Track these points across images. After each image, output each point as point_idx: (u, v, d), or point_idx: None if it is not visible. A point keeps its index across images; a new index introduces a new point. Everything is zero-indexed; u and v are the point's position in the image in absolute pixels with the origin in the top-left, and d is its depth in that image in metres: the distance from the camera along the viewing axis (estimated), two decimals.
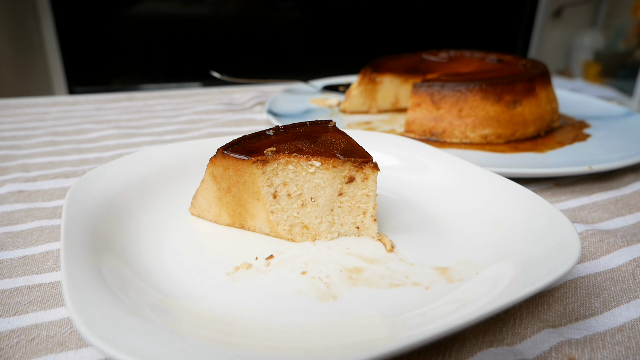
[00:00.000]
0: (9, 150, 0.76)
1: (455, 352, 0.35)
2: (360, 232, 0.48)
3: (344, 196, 0.46)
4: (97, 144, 0.80)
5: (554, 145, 0.76)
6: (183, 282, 0.39)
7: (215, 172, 0.47)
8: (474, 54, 1.00)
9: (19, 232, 0.50)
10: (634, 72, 2.03)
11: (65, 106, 1.04)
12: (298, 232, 0.47)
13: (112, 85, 2.33)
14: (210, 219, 0.50)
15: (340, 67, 1.43)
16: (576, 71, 2.51)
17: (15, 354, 0.34)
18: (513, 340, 0.36)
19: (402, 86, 0.99)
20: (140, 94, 1.15)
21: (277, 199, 0.46)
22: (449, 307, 0.35)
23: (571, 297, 0.41)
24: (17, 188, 0.60)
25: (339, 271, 0.42)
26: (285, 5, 2.41)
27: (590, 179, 0.66)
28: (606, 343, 0.36)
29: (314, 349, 0.31)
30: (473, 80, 0.78)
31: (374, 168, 0.45)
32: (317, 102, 1.03)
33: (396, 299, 0.38)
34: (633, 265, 0.45)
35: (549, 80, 0.85)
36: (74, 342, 0.35)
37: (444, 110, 0.78)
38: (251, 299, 0.38)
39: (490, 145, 0.77)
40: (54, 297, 0.40)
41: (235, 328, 0.33)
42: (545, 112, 0.81)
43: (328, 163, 0.45)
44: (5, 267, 0.44)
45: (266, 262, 0.43)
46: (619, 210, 0.58)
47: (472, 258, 0.43)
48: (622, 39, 2.29)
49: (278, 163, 0.45)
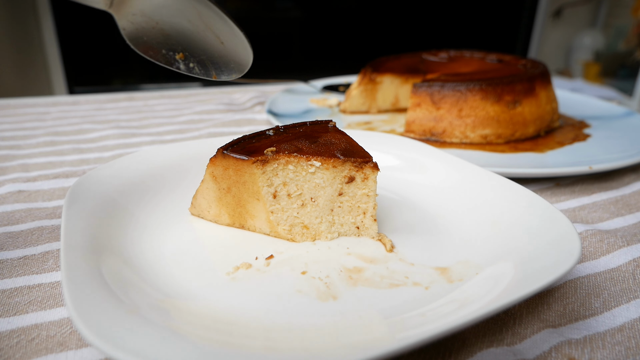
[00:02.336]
0: (9, 150, 0.76)
1: (455, 352, 0.35)
2: (360, 232, 0.48)
3: (344, 196, 0.46)
4: (97, 144, 0.80)
5: (554, 145, 0.76)
6: (183, 282, 0.39)
7: (215, 172, 0.47)
8: (474, 54, 1.00)
9: (19, 232, 0.50)
10: (634, 72, 2.03)
11: (65, 106, 1.04)
12: (298, 232, 0.47)
13: (112, 85, 2.33)
14: (210, 219, 0.50)
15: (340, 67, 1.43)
16: (576, 71, 2.51)
17: (15, 354, 0.34)
18: (513, 340, 0.36)
19: (402, 86, 0.99)
20: (140, 94, 1.15)
21: (277, 199, 0.46)
22: (449, 307, 0.35)
23: (571, 297, 0.41)
24: (17, 188, 0.60)
25: (339, 271, 0.42)
26: (285, 5, 2.41)
27: (590, 179, 0.66)
28: (606, 343, 0.36)
29: (314, 349, 0.31)
30: (473, 80, 0.78)
31: (374, 168, 0.45)
32: (317, 102, 1.03)
33: (396, 299, 0.38)
34: (633, 265, 0.45)
35: (549, 80, 0.85)
36: (74, 342, 0.35)
37: (444, 110, 0.78)
38: (251, 299, 0.38)
39: (490, 145, 0.77)
40: (54, 297, 0.40)
41: (235, 328, 0.33)
42: (545, 112, 0.81)
43: (328, 163, 0.45)
44: (5, 267, 0.44)
45: (266, 262, 0.43)
46: (619, 210, 0.58)
47: (472, 258, 0.43)
48: (622, 39, 2.29)
49: (278, 163, 0.45)
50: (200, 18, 0.34)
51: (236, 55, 0.36)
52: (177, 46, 0.36)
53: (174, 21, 0.34)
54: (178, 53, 0.36)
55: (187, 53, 0.36)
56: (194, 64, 0.37)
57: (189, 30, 0.34)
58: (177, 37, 0.35)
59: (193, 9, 0.33)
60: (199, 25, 0.34)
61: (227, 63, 0.37)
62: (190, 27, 0.34)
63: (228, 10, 0.33)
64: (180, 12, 0.34)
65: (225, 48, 0.35)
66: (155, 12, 0.34)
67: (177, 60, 0.37)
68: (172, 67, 0.37)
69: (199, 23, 0.34)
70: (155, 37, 0.35)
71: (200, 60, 0.36)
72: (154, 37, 0.35)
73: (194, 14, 0.33)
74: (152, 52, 0.36)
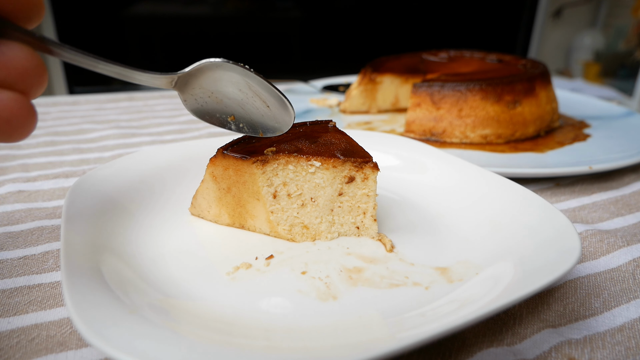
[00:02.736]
0: (9, 150, 0.76)
1: (455, 352, 0.35)
2: (360, 232, 0.48)
3: (344, 196, 0.46)
4: (97, 144, 0.80)
5: (554, 145, 0.76)
6: (183, 282, 0.39)
7: (216, 172, 0.47)
8: (474, 54, 1.00)
9: (19, 232, 0.50)
10: (634, 72, 2.03)
11: (65, 106, 1.04)
12: (298, 232, 0.47)
13: (112, 85, 2.33)
14: (210, 219, 0.50)
15: (340, 67, 1.43)
16: (576, 71, 2.51)
17: (15, 354, 0.34)
18: (513, 340, 0.36)
19: (402, 86, 0.99)
20: (140, 94, 1.15)
21: (277, 199, 0.46)
22: (449, 307, 0.35)
23: (571, 297, 0.41)
24: (17, 188, 0.60)
25: (339, 271, 0.42)
26: (285, 5, 2.41)
27: (590, 179, 0.66)
28: (606, 343, 0.36)
29: (314, 349, 0.31)
30: (473, 80, 0.78)
31: (374, 168, 0.45)
32: (317, 102, 1.03)
33: (396, 299, 0.38)
34: (633, 265, 0.45)
35: (549, 80, 0.85)
36: (74, 342, 0.35)
37: (444, 110, 0.78)
38: (251, 299, 0.38)
39: (490, 145, 0.77)
40: (54, 297, 0.40)
41: (235, 328, 0.33)
42: (545, 112, 0.81)
43: (328, 163, 0.45)
44: (5, 267, 0.44)
45: (266, 262, 0.43)
46: (619, 210, 0.58)
47: (472, 258, 0.43)
48: (622, 39, 2.29)
49: (278, 163, 0.45)
50: (249, 88, 0.40)
51: (280, 116, 0.42)
52: (229, 110, 0.42)
53: (227, 91, 0.40)
54: (230, 116, 0.42)
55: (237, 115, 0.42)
56: (244, 124, 0.43)
57: (240, 97, 0.41)
58: (229, 103, 0.41)
59: (243, 81, 0.40)
60: (247, 93, 0.40)
61: (272, 123, 0.43)
62: (241, 95, 0.41)
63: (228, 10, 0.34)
64: (232, 84, 0.40)
65: (271, 110, 0.41)
66: (211, 85, 0.40)
67: (229, 122, 0.43)
68: (225, 128, 0.43)
69: (248, 91, 0.40)
70: (211, 104, 0.42)
71: (249, 121, 0.43)
72: (210, 104, 0.42)
73: (244, 85, 0.40)
74: (208, 117, 0.43)
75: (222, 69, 0.39)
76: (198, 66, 0.39)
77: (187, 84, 0.40)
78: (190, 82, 0.40)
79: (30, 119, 0.31)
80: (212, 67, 0.39)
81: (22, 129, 0.31)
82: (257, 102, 0.41)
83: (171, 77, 0.39)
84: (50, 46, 0.32)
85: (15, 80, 0.30)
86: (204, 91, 0.40)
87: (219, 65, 0.39)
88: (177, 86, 0.40)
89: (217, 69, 0.39)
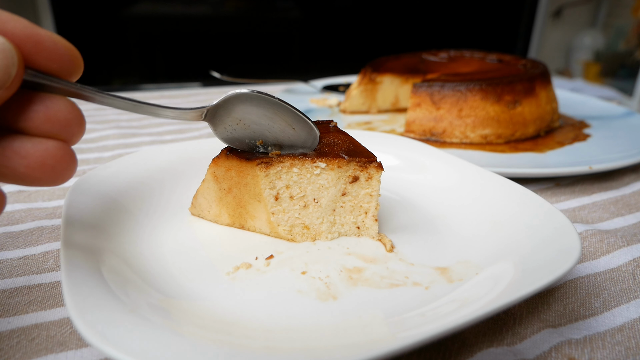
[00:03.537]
0: None
1: (455, 352, 0.35)
2: (360, 232, 0.48)
3: (347, 196, 0.46)
4: (97, 144, 0.80)
5: (554, 145, 0.76)
6: (183, 282, 0.39)
7: (217, 172, 0.47)
8: (474, 54, 1.00)
9: (19, 232, 0.50)
10: (634, 72, 2.03)
11: None
12: (298, 232, 0.47)
13: (112, 85, 2.33)
14: (211, 219, 0.50)
15: (340, 67, 1.43)
16: (576, 71, 2.51)
17: (15, 354, 0.34)
18: (513, 340, 0.36)
19: (402, 86, 0.99)
20: (140, 94, 1.15)
21: (279, 200, 0.46)
22: (449, 307, 0.35)
23: (571, 297, 0.41)
24: (17, 188, 0.60)
25: (339, 271, 0.42)
26: (285, 5, 2.41)
27: (590, 179, 0.66)
28: (606, 343, 0.36)
29: (314, 349, 0.31)
30: (473, 80, 0.78)
31: (378, 167, 0.45)
32: (317, 102, 1.03)
33: (396, 299, 0.38)
34: (633, 265, 0.45)
35: (549, 80, 0.85)
36: (74, 342, 0.35)
37: (444, 110, 0.78)
38: (251, 299, 0.38)
39: (490, 145, 0.77)
40: (54, 297, 0.40)
41: (235, 328, 0.33)
42: (545, 112, 0.81)
43: (333, 164, 0.45)
44: (5, 267, 0.44)
45: (266, 262, 0.43)
46: (619, 210, 0.58)
47: (472, 258, 0.43)
48: (622, 39, 2.29)
49: (282, 166, 0.45)
50: (275, 113, 0.43)
51: (305, 137, 0.45)
52: (257, 135, 0.45)
53: (254, 118, 0.43)
54: (258, 140, 0.45)
55: (265, 139, 0.45)
56: (271, 146, 0.45)
57: (266, 123, 0.43)
58: (257, 129, 0.44)
59: (271, 108, 0.42)
60: (273, 118, 0.43)
61: (297, 144, 0.45)
62: (268, 120, 0.43)
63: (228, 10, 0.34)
64: (259, 111, 0.43)
65: (296, 132, 0.44)
66: (239, 113, 0.43)
67: (257, 145, 0.45)
68: (254, 152, 0.46)
69: (274, 117, 0.43)
70: (240, 131, 0.44)
71: (276, 144, 0.45)
72: (239, 131, 0.44)
73: (270, 111, 0.43)
74: (238, 142, 0.45)
75: (249, 99, 0.42)
76: (226, 98, 0.41)
77: (216, 115, 0.43)
78: (219, 113, 0.42)
79: (72, 164, 0.33)
80: (240, 97, 0.42)
81: (64, 174, 0.33)
82: (283, 125, 0.44)
83: (200, 110, 0.41)
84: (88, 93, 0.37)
85: (59, 130, 0.33)
86: (232, 119, 0.43)
87: (246, 96, 0.41)
88: (206, 118, 0.42)
89: (244, 100, 0.42)
